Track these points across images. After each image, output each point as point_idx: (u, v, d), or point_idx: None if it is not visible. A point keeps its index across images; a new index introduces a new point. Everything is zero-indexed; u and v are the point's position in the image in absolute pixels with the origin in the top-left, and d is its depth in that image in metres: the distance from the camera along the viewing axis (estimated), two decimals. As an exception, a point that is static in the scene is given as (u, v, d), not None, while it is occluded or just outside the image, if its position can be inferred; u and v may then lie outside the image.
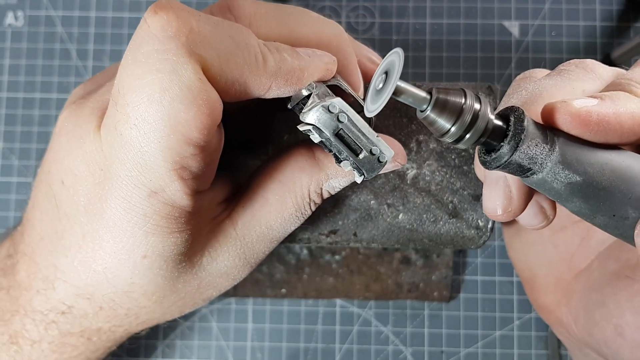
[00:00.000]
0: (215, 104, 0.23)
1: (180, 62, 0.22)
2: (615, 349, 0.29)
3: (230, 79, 0.23)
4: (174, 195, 0.24)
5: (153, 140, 0.22)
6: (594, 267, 0.32)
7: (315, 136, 0.25)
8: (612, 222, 0.23)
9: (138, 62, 0.22)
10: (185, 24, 0.22)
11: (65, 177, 0.26)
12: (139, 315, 0.29)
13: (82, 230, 0.26)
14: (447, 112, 0.22)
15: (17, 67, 0.44)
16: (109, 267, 0.26)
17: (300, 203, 0.28)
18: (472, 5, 0.45)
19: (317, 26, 0.27)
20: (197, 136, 0.23)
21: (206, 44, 0.22)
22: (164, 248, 0.26)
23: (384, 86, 0.22)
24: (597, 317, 0.30)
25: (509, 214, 0.26)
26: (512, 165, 0.22)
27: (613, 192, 0.22)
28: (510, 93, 0.27)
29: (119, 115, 0.23)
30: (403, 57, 0.21)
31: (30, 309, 0.29)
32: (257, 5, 0.26)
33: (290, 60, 0.24)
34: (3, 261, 0.30)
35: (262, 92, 0.24)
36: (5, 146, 0.44)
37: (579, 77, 0.25)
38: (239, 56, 0.23)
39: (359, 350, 0.42)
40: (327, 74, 0.26)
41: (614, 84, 0.25)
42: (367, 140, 0.25)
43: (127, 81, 0.22)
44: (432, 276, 0.41)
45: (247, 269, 0.30)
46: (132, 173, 0.23)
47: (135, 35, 0.23)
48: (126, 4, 0.45)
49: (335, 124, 0.24)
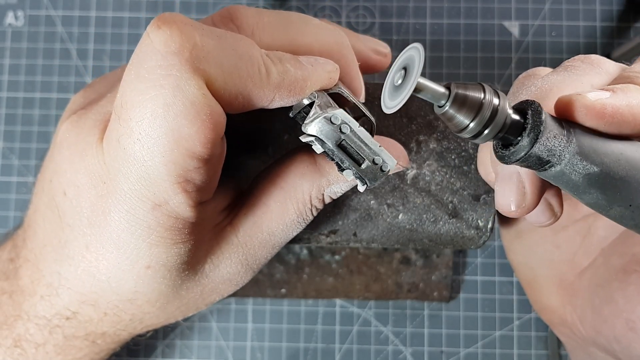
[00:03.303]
0: (219, 118, 0.23)
1: (183, 77, 0.22)
2: (627, 343, 0.29)
3: (234, 92, 0.23)
4: (177, 207, 0.24)
5: (157, 154, 0.22)
6: (599, 264, 0.32)
7: (318, 147, 0.25)
8: (628, 212, 0.23)
9: (141, 77, 0.22)
10: (188, 39, 0.22)
11: (67, 189, 0.26)
12: (143, 320, 0.29)
13: (86, 241, 0.26)
14: (466, 107, 0.22)
15: (17, 67, 0.44)
16: (113, 276, 0.26)
17: (302, 209, 0.28)
18: (472, 6, 0.45)
19: (320, 33, 0.27)
20: (201, 150, 0.23)
21: (209, 59, 0.22)
22: (167, 258, 0.26)
23: (404, 82, 0.22)
24: (605, 313, 0.30)
25: (522, 210, 0.25)
26: (531, 158, 0.22)
27: (629, 182, 0.22)
28: (515, 91, 0.27)
29: (122, 130, 0.23)
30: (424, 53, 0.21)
31: (34, 314, 0.29)
32: (259, 15, 0.26)
33: (294, 71, 0.24)
34: (5, 265, 0.30)
35: (265, 104, 0.24)
36: (5, 146, 0.44)
37: (586, 72, 0.25)
38: (242, 69, 0.23)
39: (358, 350, 0.42)
40: (330, 82, 0.26)
41: (621, 77, 0.25)
42: (369, 150, 0.25)
43: (130, 96, 0.22)
44: (432, 276, 0.41)
45: (250, 275, 0.30)
46: (135, 186, 0.23)
47: (137, 49, 0.23)
48: (126, 4, 0.45)
49: (338, 135, 0.24)
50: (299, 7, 0.45)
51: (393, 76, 0.23)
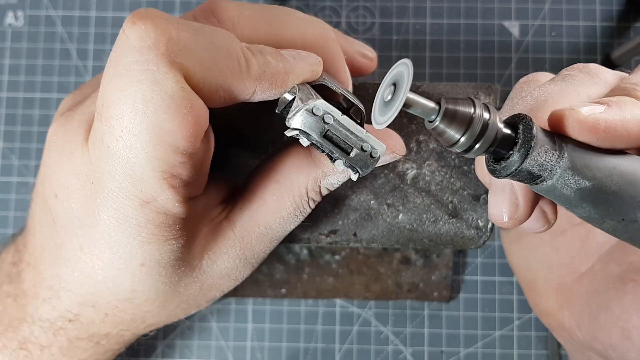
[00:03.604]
0: (200, 111, 0.23)
1: (160, 72, 0.21)
2: (622, 352, 0.29)
3: (214, 85, 0.23)
4: (165, 203, 0.24)
5: (140, 151, 0.22)
6: (596, 270, 0.32)
7: (304, 140, 0.25)
8: (621, 226, 0.23)
9: (119, 74, 0.22)
10: (163, 33, 0.22)
11: (58, 191, 0.26)
12: (145, 319, 0.29)
13: (79, 242, 0.26)
14: (456, 122, 0.22)
15: (17, 67, 0.44)
16: (108, 276, 0.26)
17: (299, 202, 0.28)
18: (472, 6, 0.45)
19: (303, 26, 0.27)
20: (184, 144, 0.23)
21: (187, 52, 0.22)
22: (160, 255, 0.26)
23: (393, 98, 0.22)
24: (602, 320, 0.30)
25: (515, 221, 0.25)
26: (522, 173, 0.22)
27: (622, 196, 0.22)
28: (513, 97, 0.27)
29: (104, 128, 0.23)
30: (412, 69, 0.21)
31: (37, 317, 0.29)
32: (240, 8, 0.26)
33: (275, 64, 0.24)
34: (8, 268, 0.31)
35: (247, 96, 0.24)
36: (5, 146, 0.44)
37: (583, 82, 0.25)
38: (221, 62, 0.23)
39: (358, 350, 0.42)
40: (313, 75, 0.26)
41: (618, 89, 0.25)
42: (356, 138, 0.25)
43: (110, 94, 0.22)
44: (432, 276, 0.41)
45: (249, 269, 0.30)
46: (122, 184, 0.23)
47: (115, 46, 0.23)
48: (126, 4, 0.45)
49: (322, 126, 0.24)
50: (299, 6, 0.45)
51: (383, 92, 0.23)
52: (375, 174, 0.32)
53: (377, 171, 0.32)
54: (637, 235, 0.23)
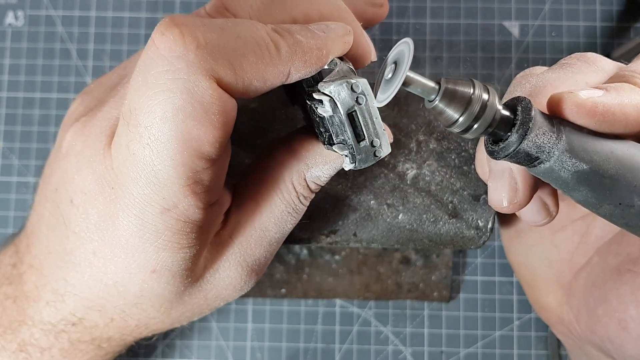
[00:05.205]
0: (230, 113, 0.23)
1: (191, 80, 0.22)
2: (619, 343, 0.29)
3: (248, 79, 0.23)
4: (187, 210, 0.24)
5: (166, 158, 0.22)
6: (594, 263, 0.32)
7: (325, 109, 0.24)
8: (618, 210, 0.23)
9: (149, 83, 0.22)
10: (192, 40, 0.21)
11: (74, 196, 0.26)
12: (149, 325, 0.29)
13: (93, 247, 0.26)
14: (455, 102, 0.22)
15: (17, 67, 0.44)
16: (120, 280, 0.26)
17: (288, 198, 0.28)
18: (472, 6, 0.45)
19: (315, 2, 0.26)
20: (209, 150, 0.23)
21: (216, 54, 0.22)
22: (172, 263, 0.26)
23: (394, 76, 0.22)
24: (599, 312, 0.30)
25: (514, 206, 0.26)
26: (520, 154, 0.22)
27: (619, 180, 0.22)
28: (512, 90, 0.27)
29: (131, 135, 0.23)
30: (413, 47, 0.21)
31: (39, 320, 0.29)
32: None
33: (305, 41, 0.23)
34: (7, 270, 0.30)
35: (282, 80, 0.24)
36: (5, 146, 0.44)
37: (581, 69, 0.25)
38: (250, 54, 0.22)
39: (358, 350, 0.42)
40: (345, 47, 0.25)
41: (617, 76, 0.25)
42: (374, 129, 0.24)
43: (139, 102, 0.22)
44: (432, 276, 0.41)
45: (253, 277, 0.30)
46: (145, 191, 0.23)
47: (144, 55, 0.23)
48: (126, 4, 0.45)
49: (352, 104, 0.24)
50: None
51: (384, 70, 0.23)
52: (375, 174, 0.32)
53: (377, 171, 0.32)
54: (633, 220, 0.23)
